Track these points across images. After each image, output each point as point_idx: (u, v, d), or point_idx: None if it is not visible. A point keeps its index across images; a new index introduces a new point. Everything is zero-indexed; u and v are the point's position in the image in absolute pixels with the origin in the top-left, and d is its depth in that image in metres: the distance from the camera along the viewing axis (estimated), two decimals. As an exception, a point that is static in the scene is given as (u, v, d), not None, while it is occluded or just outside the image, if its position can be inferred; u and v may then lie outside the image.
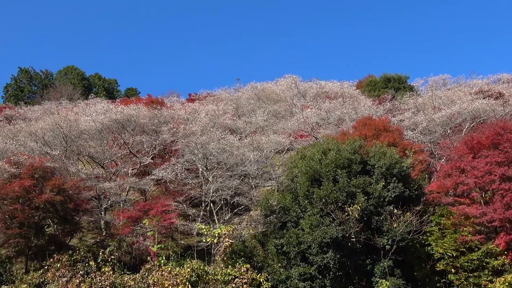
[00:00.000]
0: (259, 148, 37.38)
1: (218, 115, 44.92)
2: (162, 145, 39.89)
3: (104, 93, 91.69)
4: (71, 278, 26.11)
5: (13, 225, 29.28)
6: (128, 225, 30.98)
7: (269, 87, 58.49)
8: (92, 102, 59.86)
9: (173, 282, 24.48)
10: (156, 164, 37.38)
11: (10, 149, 35.30)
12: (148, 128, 40.40)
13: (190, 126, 39.50)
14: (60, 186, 30.24)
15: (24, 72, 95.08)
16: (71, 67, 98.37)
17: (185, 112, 45.54)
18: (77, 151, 38.38)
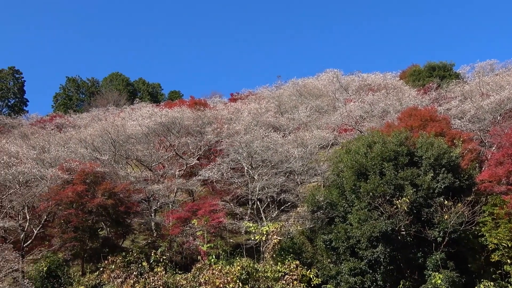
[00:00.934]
0: (303, 144, 37.28)
1: (260, 113, 45.04)
2: (207, 146, 40.33)
3: (149, 97, 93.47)
4: (126, 279, 26.84)
5: (68, 229, 30.26)
6: (177, 226, 31.52)
7: (311, 82, 58.21)
8: (137, 106, 61.13)
9: (224, 280, 24.79)
10: (202, 165, 37.85)
11: (62, 156, 36.40)
12: (192, 130, 40.92)
13: (234, 125, 39.76)
14: (111, 190, 31.03)
15: (72, 81, 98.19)
16: (116, 74, 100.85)
17: (228, 112, 45.86)
18: (125, 155, 39.31)
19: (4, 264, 25.81)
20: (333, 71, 55.72)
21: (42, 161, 36.21)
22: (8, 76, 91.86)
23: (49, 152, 37.74)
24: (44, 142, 41.03)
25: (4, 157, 32.49)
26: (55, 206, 30.98)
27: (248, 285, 25.41)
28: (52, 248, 31.60)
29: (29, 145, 40.32)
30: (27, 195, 31.60)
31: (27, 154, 35.77)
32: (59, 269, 28.91)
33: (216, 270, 25.51)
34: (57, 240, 31.33)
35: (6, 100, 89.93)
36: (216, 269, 25.58)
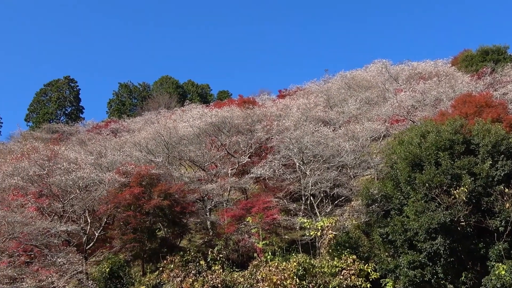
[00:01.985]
0: (354, 137, 36.84)
1: (309, 108, 44.81)
2: (257, 143, 40.49)
3: (198, 98, 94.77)
4: (185, 277, 27.40)
5: (127, 231, 31.12)
6: (232, 224, 31.85)
7: (359, 74, 57.40)
8: (187, 108, 62.05)
9: (281, 277, 24.88)
10: (254, 163, 38.04)
11: (118, 160, 37.42)
12: (242, 128, 41.18)
13: (283, 122, 39.73)
14: (166, 191, 31.66)
15: (124, 86, 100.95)
16: (165, 77, 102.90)
17: (277, 109, 45.85)
18: (178, 156, 40.03)
19: (69, 267, 26.88)
20: (382, 61, 54.77)
21: (99, 165, 37.38)
22: (64, 85, 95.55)
23: (106, 156, 38.90)
24: (101, 147, 42.31)
25: (64, 163, 33.76)
26: (114, 208, 31.92)
27: (305, 281, 25.41)
28: (113, 250, 32.61)
29: (86, 151, 41.70)
30: (87, 199, 32.76)
31: (85, 160, 36.99)
32: (121, 269, 29.79)
33: (273, 266, 25.64)
34: (118, 242, 32.30)
35: (63, 108, 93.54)
36: (272, 266, 25.71)
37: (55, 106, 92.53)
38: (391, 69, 54.55)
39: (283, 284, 24.68)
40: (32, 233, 27.90)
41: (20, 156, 36.06)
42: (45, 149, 36.07)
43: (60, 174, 32.58)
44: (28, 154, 35.01)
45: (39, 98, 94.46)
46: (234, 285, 26.73)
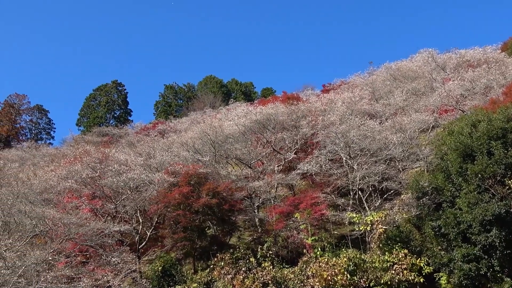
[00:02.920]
0: (401, 129, 36.15)
1: (354, 101, 44.29)
2: (303, 139, 40.34)
3: (242, 96, 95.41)
4: (235, 274, 27.67)
5: (178, 230, 31.64)
6: (280, 220, 31.89)
7: (404, 65, 56.25)
8: (232, 107, 62.53)
9: (331, 272, 24.76)
10: (300, 159, 37.93)
11: (167, 161, 38.10)
12: (287, 124, 41.10)
13: (328, 116, 39.43)
14: (214, 190, 32.01)
15: (170, 88, 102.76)
16: (209, 77, 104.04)
17: (321, 104, 45.53)
18: (225, 155, 40.38)
19: (123, 266, 27.63)
20: (428, 50, 53.51)
21: (149, 166, 38.16)
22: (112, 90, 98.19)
23: (155, 157, 39.66)
24: (149, 149, 43.18)
25: (115, 165, 34.70)
26: (164, 208, 32.53)
27: (356, 276, 25.18)
28: (165, 249, 33.26)
29: (136, 153, 42.66)
30: (138, 199, 33.55)
31: (135, 161, 37.85)
32: (173, 268, 30.36)
33: (323, 262, 25.54)
34: (169, 241, 32.91)
35: (112, 112, 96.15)
36: (322, 262, 25.61)
37: (104, 110, 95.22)
38: (438, 58, 53.19)
39: (333, 280, 24.55)
40: (87, 233, 28.84)
41: (73, 159, 37.29)
42: (97, 152, 37.17)
43: (112, 176, 33.49)
44: (81, 157, 36.16)
45: (89, 102, 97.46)
46: (285, 281, 26.77)
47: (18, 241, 24.29)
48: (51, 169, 37.87)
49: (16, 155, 61.18)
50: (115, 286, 25.15)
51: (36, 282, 22.53)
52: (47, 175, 36.52)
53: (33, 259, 22.57)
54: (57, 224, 28.07)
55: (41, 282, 22.66)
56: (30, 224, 26.14)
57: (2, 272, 21.25)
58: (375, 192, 34.09)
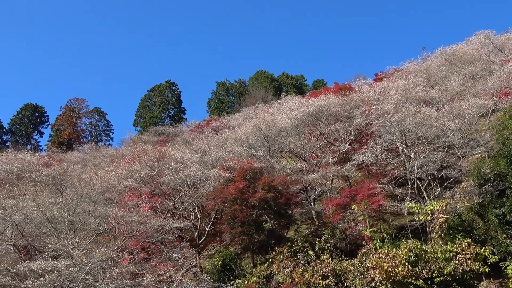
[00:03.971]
0: (459, 115, 34.98)
1: (409, 89, 43.22)
2: (357, 130, 39.83)
3: (294, 89, 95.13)
4: (294, 267, 27.73)
5: (235, 225, 32.02)
6: (337, 213, 31.66)
7: (460, 48, 54.24)
8: (284, 100, 62.42)
9: (392, 264, 24.35)
10: (355, 149, 37.50)
11: (222, 157, 38.58)
12: (340, 115, 40.70)
13: (382, 105, 38.69)
14: (270, 184, 32.15)
15: (221, 85, 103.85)
16: (260, 72, 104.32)
17: (374, 93, 44.73)
18: (278, 148, 40.46)
19: (184, 261, 28.22)
20: (484, 32, 51.23)
21: (204, 163, 38.76)
22: (165, 89, 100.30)
23: (210, 154, 40.25)
24: (204, 146, 43.84)
25: (172, 163, 35.46)
26: (221, 203, 32.98)
27: (417, 267, 24.67)
28: (224, 243, 33.75)
29: (191, 150, 43.43)
30: (196, 196, 34.19)
31: (191, 158, 38.55)
32: (232, 262, 30.77)
33: (383, 254, 25.16)
34: (227, 236, 33.37)
35: (166, 111, 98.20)
36: (382, 253, 25.23)
37: (159, 109, 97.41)
38: (495, 40, 50.91)
39: (394, 271, 24.14)
40: (148, 231, 29.66)
41: (132, 159, 38.39)
42: (154, 151, 38.10)
43: (169, 173, 34.26)
44: (139, 157, 37.18)
45: (144, 103, 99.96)
46: (344, 273, 26.60)
47: (84, 240, 25.33)
48: (111, 169, 39.15)
49: (78, 157, 63.61)
50: (177, 281, 25.71)
51: (102, 279, 23.42)
52: (108, 175, 37.77)
53: (99, 256, 23.46)
54: (119, 222, 29.02)
55: (107, 278, 23.54)
56: (94, 223, 27.17)
57: (70, 269, 22.24)
58: (434, 181, 33.24)
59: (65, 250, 23.61)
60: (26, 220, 26.04)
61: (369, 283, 25.02)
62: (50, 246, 24.38)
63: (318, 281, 26.13)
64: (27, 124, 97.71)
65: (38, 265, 22.15)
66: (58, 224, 26.78)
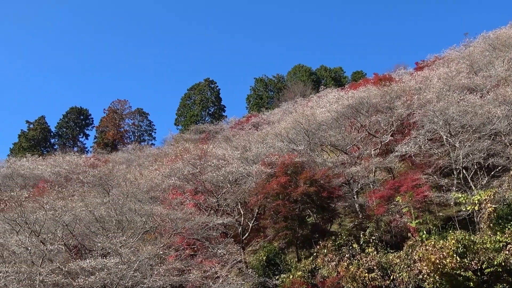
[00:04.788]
0: (505, 101, 33.86)
1: (451, 76, 42.18)
2: (399, 120, 39.20)
3: (332, 82, 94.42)
4: (339, 261, 27.58)
5: (278, 220, 32.10)
6: (381, 205, 31.28)
7: (504, 32, 52.46)
8: (323, 93, 62.16)
9: (439, 255, 23.90)
10: (397, 140, 36.94)
11: (262, 152, 38.68)
12: (381, 106, 40.14)
13: (424, 94, 37.92)
14: (311, 178, 32.05)
15: (260, 81, 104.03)
16: (298, 66, 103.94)
17: (415, 82, 43.86)
18: (319, 142, 40.27)
19: (229, 257, 28.58)
20: (530, 14, 49.54)
21: (245, 159, 38.98)
22: (205, 88, 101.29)
23: (250, 150, 40.43)
24: (245, 142, 44.08)
25: (214, 160, 35.85)
26: (264, 199, 33.12)
27: (466, 258, 24.12)
28: (267, 238, 33.91)
29: (232, 147, 43.77)
30: (238, 192, 34.47)
31: (232, 155, 38.86)
32: (277, 257, 30.87)
33: (429, 246, 24.72)
34: (271, 231, 33.50)
35: (206, 109, 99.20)
36: (429, 245, 24.79)
37: (199, 108, 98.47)
38: (542, 21, 49.09)
39: (442, 263, 23.67)
40: (193, 227, 30.17)
41: (174, 157, 39.03)
42: (195, 149, 38.61)
43: (211, 170, 34.65)
44: (181, 155, 37.75)
45: (184, 102, 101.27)
46: (390, 266, 26.28)
47: (131, 238, 25.97)
48: (155, 168, 39.94)
49: (123, 157, 65.10)
50: (223, 277, 26.02)
51: (150, 276, 23.98)
52: (152, 174, 38.53)
53: (146, 254, 24.04)
54: (164, 220, 29.61)
55: (155, 275, 24.09)
56: (140, 221, 27.82)
57: (119, 267, 22.86)
58: (481, 170, 32.37)
59: (113, 248, 24.28)
60: (76, 220, 26.93)
61: (416, 276, 24.66)
62: (99, 245, 25.11)
63: (364, 275, 25.91)
64: (73, 127, 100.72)
65: (88, 263, 22.85)
66: (106, 223, 27.59)
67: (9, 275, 22.13)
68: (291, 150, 38.42)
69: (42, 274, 22.51)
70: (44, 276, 22.47)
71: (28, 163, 51.61)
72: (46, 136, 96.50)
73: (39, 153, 78.62)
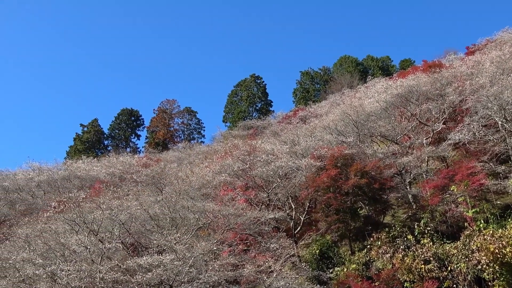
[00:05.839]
0: None
1: (504, 60, 40.60)
2: (450, 107, 38.14)
3: (380, 72, 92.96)
4: (394, 253, 27.17)
5: (330, 213, 31.89)
6: (435, 195, 30.55)
7: (561, 10, 50.19)
8: (370, 84, 61.23)
9: (499, 245, 23.19)
10: (450, 128, 35.98)
11: (311, 146, 38.47)
12: (431, 94, 39.14)
13: (476, 80, 36.73)
14: (362, 170, 31.67)
15: (305, 74, 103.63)
16: (344, 57, 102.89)
17: (467, 67, 42.54)
18: (368, 133, 39.72)
19: (282, 251, 28.66)
20: None
21: (294, 153, 38.90)
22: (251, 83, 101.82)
23: (299, 144, 40.30)
24: (293, 136, 43.98)
25: (263, 155, 36.02)
26: (314, 192, 33.00)
27: (527, 247, 23.29)
28: (320, 232, 33.79)
29: (280, 141, 43.76)
30: (288, 186, 34.51)
31: (281, 150, 38.87)
32: (330, 250, 30.77)
33: (488, 235, 24.03)
34: (322, 224, 33.37)
35: (253, 105, 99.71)
36: (487, 234, 24.09)
37: (246, 104, 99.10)
38: None
39: (501, 252, 22.95)
40: (245, 223, 30.44)
41: (224, 154, 39.46)
42: (244, 145, 38.91)
43: (261, 166, 34.83)
44: (230, 151, 38.15)
45: (231, 99, 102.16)
46: (447, 257, 25.67)
47: (185, 235, 26.45)
48: (205, 165, 40.49)
49: (174, 156, 66.36)
50: (277, 271, 26.13)
51: (205, 271, 24.37)
52: (203, 171, 39.08)
53: (200, 250, 24.43)
54: (217, 216, 30.02)
55: (209, 270, 24.45)
56: (193, 218, 28.31)
57: (175, 263, 23.34)
58: (541, 155, 31.14)
59: (168, 245, 24.81)
60: (131, 219, 27.67)
61: (474, 266, 23.99)
62: (154, 242, 25.72)
63: (420, 266, 25.42)
64: (125, 128, 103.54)
65: (145, 261, 23.44)
66: (160, 221, 28.22)
67: (71, 273, 22.99)
68: (340, 142, 38.08)
69: (102, 271, 23.25)
70: (104, 273, 23.19)
71: (84, 165, 53.42)
72: (100, 138, 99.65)
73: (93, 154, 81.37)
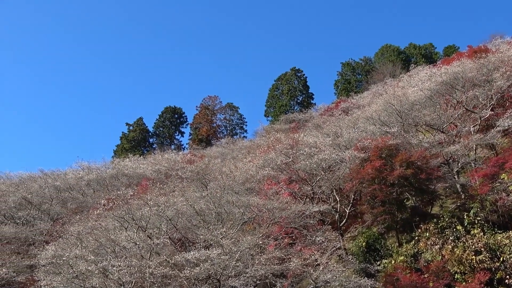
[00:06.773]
0: None
1: (556, 41, 39.06)
2: (498, 93, 36.91)
3: (423, 60, 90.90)
4: (443, 244, 26.63)
5: (376, 204, 31.48)
6: (485, 184, 29.69)
7: None
8: (413, 72, 59.95)
9: (554, 234, 22.41)
10: (498, 115, 34.85)
11: (354, 137, 38.06)
12: (478, 80, 37.96)
13: (526, 63, 35.46)
14: (408, 160, 31.08)
15: (346, 65, 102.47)
16: (386, 46, 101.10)
17: (515, 51, 41.11)
18: (413, 123, 38.90)
19: (328, 244, 28.59)
20: None
21: (337, 145, 38.59)
22: (292, 77, 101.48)
23: (342, 135, 39.94)
24: (336, 128, 43.60)
25: (305, 148, 35.89)
26: (359, 184, 32.64)
27: None
28: (365, 224, 33.46)
29: (323, 134, 43.47)
30: (332, 179, 34.29)
31: (324, 142, 38.62)
32: (377, 242, 30.40)
33: (541, 224, 23.23)
34: (368, 216, 33.01)
35: (295, 98, 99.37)
36: (541, 223, 23.30)
37: (287, 97, 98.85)
38: None
39: (557, 242, 22.17)
40: (289, 216, 30.48)
41: (267, 148, 39.52)
42: (287, 139, 38.84)
43: (304, 159, 34.73)
44: (273, 145, 38.16)
45: (272, 93, 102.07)
46: (499, 247, 24.94)
47: (231, 229, 26.74)
48: (248, 160, 40.69)
49: (217, 152, 67.01)
50: (323, 264, 26.07)
51: (251, 265, 24.58)
52: (246, 166, 39.28)
53: (246, 244, 24.64)
54: (261, 210, 30.18)
55: (256, 264, 24.65)
56: (238, 212, 28.57)
57: (222, 258, 23.65)
58: None
59: (215, 240, 25.15)
60: (178, 215, 28.19)
61: (528, 257, 23.26)
62: (201, 237, 26.13)
63: (471, 257, 24.80)
64: (169, 126, 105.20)
65: (193, 255, 23.86)
66: (206, 216, 28.62)
67: (122, 268, 23.67)
68: (383, 133, 37.48)
69: (151, 266, 23.86)
70: (153, 268, 23.81)
71: (130, 163, 54.59)
72: (145, 136, 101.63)
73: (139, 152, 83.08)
